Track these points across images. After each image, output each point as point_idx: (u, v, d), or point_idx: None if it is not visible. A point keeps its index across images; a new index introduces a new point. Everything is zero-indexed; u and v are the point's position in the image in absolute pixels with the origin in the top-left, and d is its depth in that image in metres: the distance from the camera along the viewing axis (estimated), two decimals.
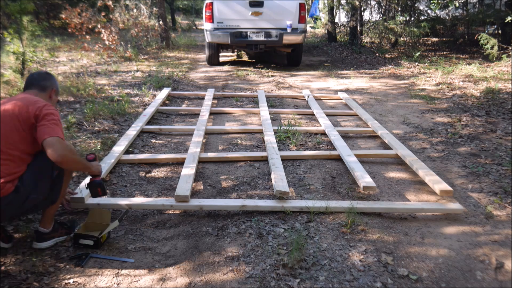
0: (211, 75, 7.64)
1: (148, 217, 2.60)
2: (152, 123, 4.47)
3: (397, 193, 2.96)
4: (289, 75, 7.77)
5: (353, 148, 3.72)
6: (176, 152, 3.67)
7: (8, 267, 1.99)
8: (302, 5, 7.85)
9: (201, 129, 3.98)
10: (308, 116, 4.96)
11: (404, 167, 3.41)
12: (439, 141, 4.03)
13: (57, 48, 10.12)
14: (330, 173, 3.23)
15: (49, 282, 1.91)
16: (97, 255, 2.14)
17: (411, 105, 5.52)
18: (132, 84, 6.32)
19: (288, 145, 3.83)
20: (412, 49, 10.42)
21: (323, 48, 12.25)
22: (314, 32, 16.94)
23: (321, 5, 16.15)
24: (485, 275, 2.04)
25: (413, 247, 2.27)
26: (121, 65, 8.25)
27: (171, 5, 19.28)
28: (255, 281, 1.95)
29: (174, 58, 9.67)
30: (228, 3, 7.70)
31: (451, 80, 6.94)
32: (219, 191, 2.94)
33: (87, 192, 2.62)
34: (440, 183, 2.85)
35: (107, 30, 9.02)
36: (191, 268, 2.07)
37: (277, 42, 7.81)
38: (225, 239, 2.32)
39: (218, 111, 5.04)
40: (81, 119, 4.32)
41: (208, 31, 7.80)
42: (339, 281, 1.96)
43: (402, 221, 2.58)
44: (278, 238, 2.30)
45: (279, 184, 2.73)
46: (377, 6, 12.15)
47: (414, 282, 1.97)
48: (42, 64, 6.66)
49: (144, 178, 3.14)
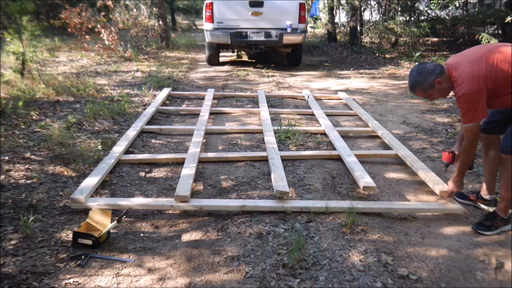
0: (211, 75, 7.64)
1: (148, 217, 2.60)
2: (152, 123, 4.47)
3: (397, 193, 2.96)
4: (289, 75, 7.77)
5: (353, 148, 3.72)
6: (176, 152, 3.67)
7: (8, 267, 1.99)
8: (302, 5, 7.85)
9: (201, 129, 3.98)
10: (308, 116, 4.96)
11: (404, 167, 3.41)
12: (439, 141, 4.03)
13: (57, 48, 10.12)
14: (330, 173, 3.23)
15: (49, 282, 1.91)
16: (97, 255, 2.14)
17: (411, 105, 5.52)
18: (132, 84, 6.32)
19: (288, 145, 3.83)
20: (412, 49, 10.42)
21: (323, 48, 12.25)
22: (314, 32, 16.94)
23: (321, 5, 16.15)
24: (485, 275, 2.04)
25: (413, 247, 2.27)
26: (121, 65, 8.25)
27: (171, 5, 19.29)
28: (255, 281, 1.94)
29: (174, 58, 9.68)
30: (228, 3, 7.69)
31: None
32: (219, 191, 2.94)
33: (88, 191, 2.62)
34: (440, 183, 2.85)
35: (107, 30, 9.02)
36: (191, 268, 2.07)
37: (277, 42, 7.81)
38: (225, 239, 2.31)
39: (218, 111, 5.04)
40: (81, 119, 4.32)
41: (208, 31, 7.80)
42: (339, 281, 1.96)
43: (402, 221, 2.58)
44: (278, 238, 2.30)
45: (279, 184, 2.73)
46: (377, 6, 12.14)
47: (414, 282, 1.97)
48: (42, 64, 6.67)
49: (144, 178, 3.14)
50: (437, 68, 2.34)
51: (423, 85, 2.36)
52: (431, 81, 2.34)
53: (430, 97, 2.46)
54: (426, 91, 2.39)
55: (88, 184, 2.74)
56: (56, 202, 2.67)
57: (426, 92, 2.40)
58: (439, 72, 2.34)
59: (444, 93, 2.42)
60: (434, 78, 2.34)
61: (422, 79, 2.35)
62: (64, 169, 3.14)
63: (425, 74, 2.35)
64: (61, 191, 2.81)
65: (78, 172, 3.12)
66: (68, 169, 3.15)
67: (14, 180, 2.89)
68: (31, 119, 4.24)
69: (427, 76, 2.34)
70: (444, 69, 2.36)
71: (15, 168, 3.06)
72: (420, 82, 2.37)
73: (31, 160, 3.25)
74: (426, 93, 2.41)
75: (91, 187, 2.70)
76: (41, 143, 3.57)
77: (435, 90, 2.38)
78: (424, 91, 2.40)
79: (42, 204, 2.61)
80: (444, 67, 2.37)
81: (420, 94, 2.43)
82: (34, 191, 2.77)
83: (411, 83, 2.42)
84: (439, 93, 2.41)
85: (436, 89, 2.37)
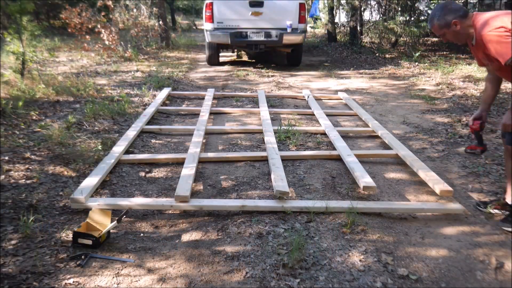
0: (211, 75, 7.64)
1: (148, 217, 2.60)
2: (152, 123, 4.47)
3: (397, 193, 2.96)
4: (289, 75, 7.77)
5: (353, 148, 3.72)
6: (176, 152, 3.67)
7: (8, 267, 1.99)
8: (302, 5, 7.85)
9: (201, 129, 3.98)
10: (308, 116, 4.96)
11: (404, 167, 3.41)
12: (439, 141, 4.03)
13: (57, 48, 10.12)
14: (330, 173, 3.23)
15: (49, 282, 1.91)
16: (97, 255, 2.14)
17: (411, 105, 5.52)
18: (132, 84, 6.32)
19: (288, 145, 3.83)
20: (412, 49, 10.42)
21: (323, 48, 12.25)
22: (314, 32, 16.94)
23: (321, 5, 16.16)
24: (485, 275, 2.04)
25: (413, 247, 2.27)
26: (121, 65, 8.25)
27: (171, 5, 19.29)
28: (255, 281, 1.94)
29: (174, 58, 9.68)
30: (228, 3, 7.69)
31: (451, 80, 6.94)
32: (219, 191, 2.94)
33: (87, 192, 2.62)
34: (440, 183, 2.85)
35: (107, 30, 9.02)
36: (191, 268, 2.07)
37: (277, 42, 7.81)
38: (225, 239, 2.31)
39: (218, 111, 5.04)
40: (81, 119, 4.32)
41: (208, 31, 7.80)
42: (339, 281, 1.96)
43: (402, 221, 2.58)
44: (278, 238, 2.30)
45: (279, 184, 2.73)
46: (377, 6, 12.15)
47: (414, 282, 1.97)
48: (42, 64, 6.67)
49: (144, 178, 3.15)
50: (460, 10, 2.32)
51: (440, 20, 2.33)
52: (450, 19, 2.31)
53: (443, 37, 2.42)
54: (441, 28, 2.36)
55: (88, 184, 2.74)
56: (56, 202, 2.67)
57: (441, 30, 2.36)
58: (461, 15, 2.31)
59: (457, 38, 2.39)
60: (453, 17, 2.31)
61: (441, 13, 2.33)
62: (64, 169, 3.14)
63: (446, 10, 2.32)
64: (61, 191, 2.81)
65: (78, 172, 3.12)
66: (68, 169, 3.15)
67: (14, 180, 2.89)
68: (31, 119, 4.24)
69: (447, 13, 2.31)
70: (469, 15, 2.32)
71: (15, 168, 3.06)
72: (438, 17, 2.34)
73: (31, 160, 3.25)
74: (441, 31, 2.37)
75: (91, 187, 2.70)
76: (41, 143, 3.57)
77: (450, 31, 2.35)
78: (440, 27, 2.36)
79: (42, 204, 2.61)
80: (470, 13, 2.34)
81: (436, 29, 2.39)
82: (34, 191, 2.77)
83: (431, 15, 2.38)
84: (453, 35, 2.38)
85: (451, 30, 2.34)
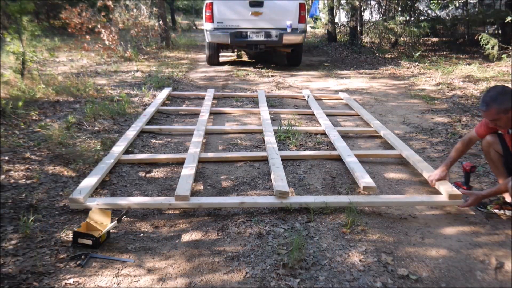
0: (211, 75, 7.64)
1: (148, 217, 2.60)
2: (152, 123, 4.47)
3: (397, 193, 2.96)
4: (289, 75, 7.77)
5: (353, 148, 3.72)
6: (176, 152, 3.67)
7: (8, 267, 1.99)
8: (302, 5, 7.85)
9: (201, 129, 3.98)
10: (308, 116, 4.96)
11: (404, 167, 3.41)
12: (439, 141, 4.03)
13: (57, 48, 10.12)
14: (330, 173, 3.23)
15: (49, 282, 1.91)
16: (97, 255, 2.14)
17: (411, 105, 5.52)
18: (132, 84, 6.32)
19: (288, 145, 3.83)
20: (412, 49, 10.42)
21: (323, 48, 12.25)
22: (314, 32, 16.94)
23: (321, 5, 16.16)
24: (485, 275, 2.04)
25: (413, 247, 2.27)
26: (121, 65, 8.25)
27: (171, 5, 19.29)
28: (255, 281, 1.94)
29: (174, 58, 9.68)
30: (228, 3, 7.69)
31: (451, 80, 6.94)
32: (219, 191, 2.94)
33: (86, 191, 2.62)
34: (446, 184, 2.77)
35: (107, 30, 9.02)
36: (191, 268, 2.07)
37: (277, 42, 7.81)
38: (225, 239, 2.31)
39: (218, 111, 5.04)
40: (81, 119, 4.32)
41: (208, 31, 7.80)
42: (339, 281, 1.96)
43: (402, 221, 2.58)
44: (278, 238, 2.30)
45: (279, 184, 2.73)
46: (377, 6, 12.14)
47: (414, 282, 1.97)
48: (42, 64, 6.67)
49: (144, 178, 3.14)
50: None
51: (501, 105, 2.27)
52: (510, 106, 2.26)
53: (497, 121, 2.37)
54: (499, 113, 2.29)
55: (87, 184, 2.74)
56: (56, 202, 2.67)
57: (498, 114, 2.30)
58: None
59: (508, 124, 2.35)
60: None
61: (504, 99, 2.27)
62: (64, 169, 3.14)
63: (509, 96, 2.27)
64: (61, 191, 2.81)
65: (78, 172, 3.12)
66: (68, 169, 3.15)
67: (14, 180, 2.89)
68: (31, 119, 4.24)
69: (509, 98, 2.27)
70: None
71: (15, 168, 3.06)
72: (500, 101, 2.28)
73: (31, 160, 3.25)
74: (497, 115, 2.31)
75: (90, 187, 2.69)
76: (41, 143, 3.57)
77: (506, 117, 2.30)
78: (497, 112, 2.30)
79: (42, 204, 2.61)
80: None
81: (492, 113, 2.32)
82: (34, 191, 2.77)
83: (489, 97, 2.31)
84: (507, 121, 2.34)
85: (508, 116, 2.29)
